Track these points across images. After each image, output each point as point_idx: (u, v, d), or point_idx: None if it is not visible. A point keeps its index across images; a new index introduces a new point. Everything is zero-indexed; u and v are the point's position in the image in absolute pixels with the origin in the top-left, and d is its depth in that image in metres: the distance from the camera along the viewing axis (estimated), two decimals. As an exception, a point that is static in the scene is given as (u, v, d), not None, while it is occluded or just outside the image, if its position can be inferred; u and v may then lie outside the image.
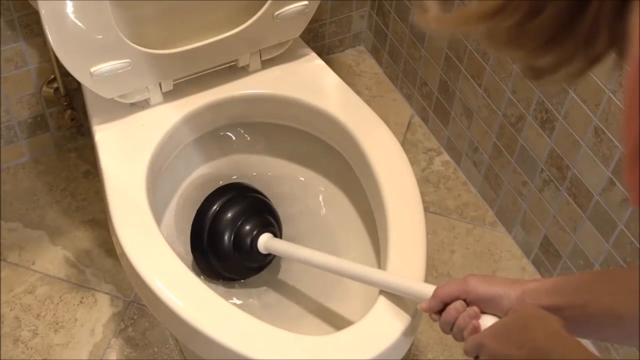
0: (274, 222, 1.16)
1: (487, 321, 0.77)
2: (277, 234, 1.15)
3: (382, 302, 0.91)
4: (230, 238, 1.12)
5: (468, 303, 0.79)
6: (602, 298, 0.71)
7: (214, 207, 1.15)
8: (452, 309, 0.78)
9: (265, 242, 1.11)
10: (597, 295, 0.72)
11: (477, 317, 0.77)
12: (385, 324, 0.89)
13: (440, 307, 0.81)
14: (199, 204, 1.19)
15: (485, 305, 0.78)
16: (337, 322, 1.09)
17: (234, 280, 1.18)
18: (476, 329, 0.76)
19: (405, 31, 1.61)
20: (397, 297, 0.91)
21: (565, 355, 0.67)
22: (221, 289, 1.17)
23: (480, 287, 0.78)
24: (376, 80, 1.76)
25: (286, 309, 1.15)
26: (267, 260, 1.17)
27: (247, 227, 1.12)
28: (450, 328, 0.79)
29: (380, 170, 1.06)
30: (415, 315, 0.91)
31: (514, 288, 0.76)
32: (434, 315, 0.82)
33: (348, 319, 1.07)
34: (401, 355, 0.92)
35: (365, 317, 0.90)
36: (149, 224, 0.99)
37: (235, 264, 1.15)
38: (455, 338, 0.79)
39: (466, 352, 0.76)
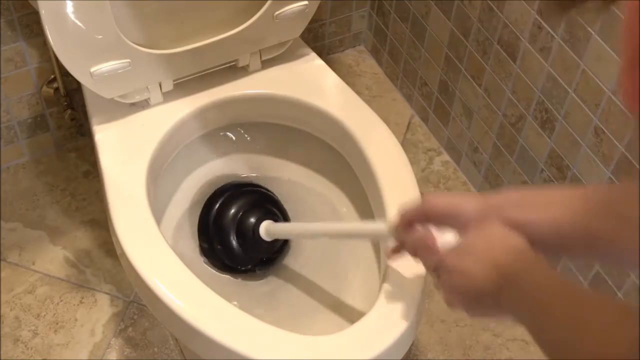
0: (275, 211, 1.18)
1: (447, 237, 0.75)
2: (281, 220, 1.18)
3: (382, 301, 0.91)
4: (234, 233, 1.16)
5: (431, 221, 0.77)
6: (574, 216, 0.68)
7: (215, 207, 1.18)
8: (413, 239, 0.78)
9: (266, 227, 1.13)
10: (569, 213, 0.69)
11: (431, 238, 0.76)
12: (385, 324, 0.89)
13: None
14: (199, 204, 1.19)
15: (445, 220, 0.76)
16: (339, 316, 1.09)
17: (246, 272, 1.19)
18: (429, 248, 0.75)
19: (405, 31, 1.61)
20: (397, 296, 0.91)
21: (528, 272, 0.65)
22: (229, 279, 1.17)
23: (437, 200, 0.76)
24: (376, 80, 1.76)
25: (289, 299, 1.15)
26: (275, 248, 1.18)
27: (248, 219, 1.15)
28: (414, 255, 0.79)
29: (380, 170, 1.06)
30: (415, 314, 0.91)
31: (476, 200, 0.74)
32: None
33: (350, 313, 1.07)
34: (401, 355, 0.92)
35: (365, 317, 0.90)
36: (149, 224, 0.99)
37: (243, 257, 1.17)
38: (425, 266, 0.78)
39: (428, 269, 0.76)
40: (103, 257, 1.43)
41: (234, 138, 1.25)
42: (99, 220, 1.47)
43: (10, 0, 1.30)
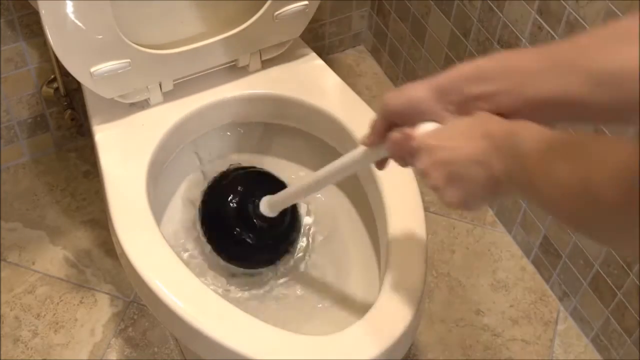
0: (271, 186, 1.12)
1: (426, 126, 0.69)
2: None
3: (382, 301, 0.91)
4: (236, 219, 1.11)
5: (398, 123, 0.72)
6: (540, 81, 0.62)
7: (213, 199, 1.14)
8: (389, 142, 0.73)
9: (268, 201, 1.08)
10: (533, 77, 0.62)
11: (405, 131, 0.71)
12: (385, 324, 0.89)
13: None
14: (199, 204, 1.19)
15: (408, 117, 0.70)
16: (340, 316, 1.09)
17: (249, 269, 1.17)
18: (404, 138, 0.70)
19: (405, 31, 1.61)
20: (397, 296, 0.91)
21: (523, 129, 0.59)
22: (230, 277, 1.17)
23: (394, 102, 0.71)
24: (376, 80, 1.76)
25: (290, 298, 1.15)
26: (280, 230, 1.14)
27: (248, 200, 1.10)
28: (400, 159, 0.73)
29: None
30: (415, 315, 0.91)
31: (424, 86, 0.69)
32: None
33: (350, 313, 1.07)
34: (401, 355, 0.92)
35: (365, 317, 0.90)
36: (149, 224, 0.99)
37: (249, 248, 1.13)
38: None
39: (410, 163, 0.70)
40: (103, 257, 1.43)
41: (234, 138, 1.25)
42: (99, 220, 1.48)
43: (10, 0, 1.30)
